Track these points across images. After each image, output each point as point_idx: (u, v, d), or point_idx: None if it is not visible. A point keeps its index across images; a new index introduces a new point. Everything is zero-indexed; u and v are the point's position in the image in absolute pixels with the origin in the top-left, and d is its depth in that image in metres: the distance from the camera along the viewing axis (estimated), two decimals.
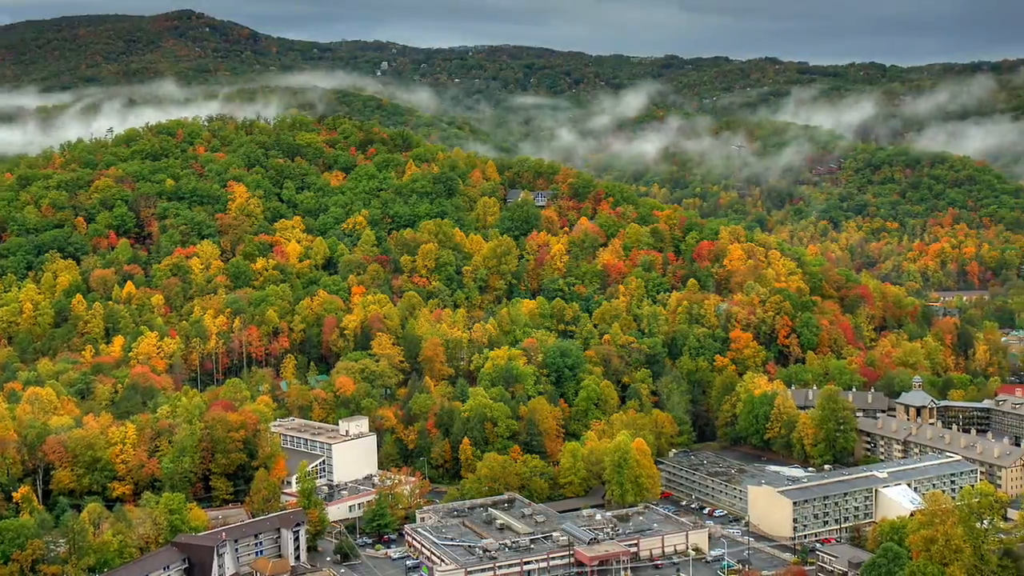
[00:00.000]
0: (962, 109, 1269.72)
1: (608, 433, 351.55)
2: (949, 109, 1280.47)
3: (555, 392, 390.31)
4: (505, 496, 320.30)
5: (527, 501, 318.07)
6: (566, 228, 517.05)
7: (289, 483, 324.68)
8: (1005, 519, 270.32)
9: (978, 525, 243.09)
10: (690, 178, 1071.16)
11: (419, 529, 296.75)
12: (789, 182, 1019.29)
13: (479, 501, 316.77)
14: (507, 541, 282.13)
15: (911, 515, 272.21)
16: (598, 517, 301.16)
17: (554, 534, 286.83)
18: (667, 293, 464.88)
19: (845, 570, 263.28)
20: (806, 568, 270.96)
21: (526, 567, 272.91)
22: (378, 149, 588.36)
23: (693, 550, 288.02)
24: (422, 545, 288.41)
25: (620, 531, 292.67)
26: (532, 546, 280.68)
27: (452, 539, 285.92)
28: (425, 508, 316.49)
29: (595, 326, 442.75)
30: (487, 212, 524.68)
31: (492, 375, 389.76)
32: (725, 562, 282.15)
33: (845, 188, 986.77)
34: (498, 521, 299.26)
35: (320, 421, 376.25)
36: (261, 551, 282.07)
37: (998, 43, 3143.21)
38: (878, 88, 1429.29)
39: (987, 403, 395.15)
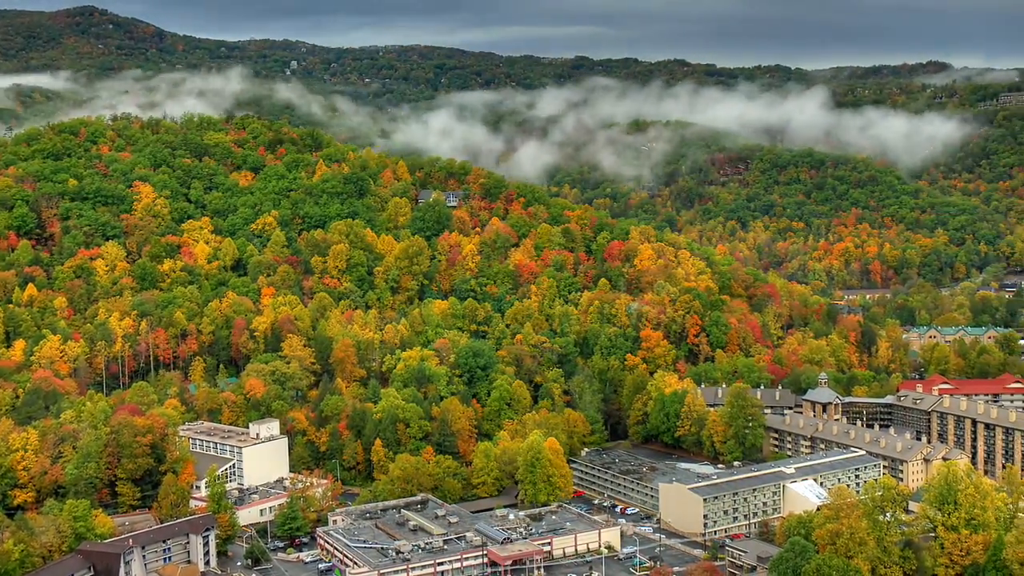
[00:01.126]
0: (863, 110, 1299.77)
1: (521, 433, 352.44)
2: (851, 110, 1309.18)
3: (468, 392, 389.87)
4: (418, 497, 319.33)
5: (440, 502, 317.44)
6: (478, 228, 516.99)
7: (198, 487, 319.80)
8: (907, 511, 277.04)
9: (881, 518, 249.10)
10: (601, 178, 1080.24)
11: (331, 532, 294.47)
12: (698, 182, 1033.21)
13: (392, 503, 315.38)
14: (420, 542, 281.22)
15: (817, 509, 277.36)
16: (511, 517, 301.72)
17: (467, 535, 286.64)
18: (579, 293, 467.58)
19: (754, 564, 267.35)
20: (716, 563, 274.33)
21: (439, 568, 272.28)
22: (288, 149, 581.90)
23: (606, 548, 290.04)
24: (335, 548, 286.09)
25: (533, 530, 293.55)
26: (445, 547, 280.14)
27: (365, 541, 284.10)
28: (337, 511, 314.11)
29: (507, 326, 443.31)
30: (398, 212, 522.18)
31: (404, 376, 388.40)
32: (636, 559, 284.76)
33: (752, 189, 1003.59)
34: (411, 522, 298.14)
35: (230, 424, 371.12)
36: (170, 557, 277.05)
37: (895, 48, 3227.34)
38: (784, 90, 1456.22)
39: (889, 399, 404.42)
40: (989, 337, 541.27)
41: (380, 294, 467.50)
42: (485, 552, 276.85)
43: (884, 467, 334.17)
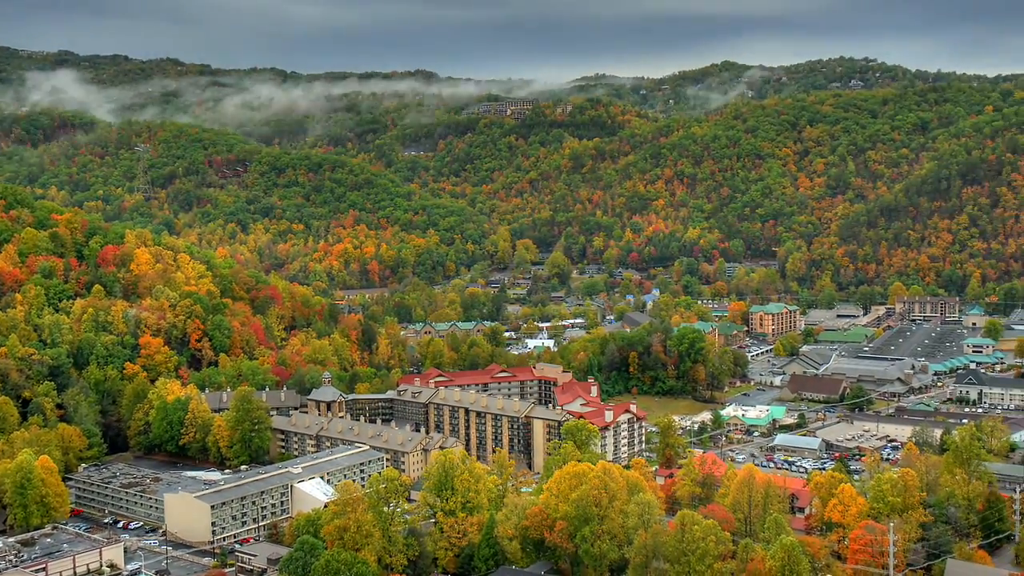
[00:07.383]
0: (360, 115, 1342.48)
1: (9, 453, 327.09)
2: (347, 114, 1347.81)
3: None
4: None
5: None
6: None
7: None
8: (409, 500, 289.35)
9: (385, 509, 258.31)
10: (92, 180, 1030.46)
11: None
12: (196, 185, 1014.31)
13: None
14: None
15: (325, 506, 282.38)
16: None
17: None
18: (70, 300, 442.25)
19: (264, 567, 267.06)
20: (226, 570, 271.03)
21: None
22: None
23: (108, 567, 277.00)
24: None
25: (25, 557, 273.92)
26: None
27: None
28: None
29: None
30: None
31: None
32: (142, 575, 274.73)
33: (252, 191, 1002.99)
34: None
35: None
36: None
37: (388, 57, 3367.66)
38: (283, 92, 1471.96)
39: (390, 394, 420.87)
40: (478, 330, 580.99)
41: None
42: None
43: (387, 460, 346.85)
